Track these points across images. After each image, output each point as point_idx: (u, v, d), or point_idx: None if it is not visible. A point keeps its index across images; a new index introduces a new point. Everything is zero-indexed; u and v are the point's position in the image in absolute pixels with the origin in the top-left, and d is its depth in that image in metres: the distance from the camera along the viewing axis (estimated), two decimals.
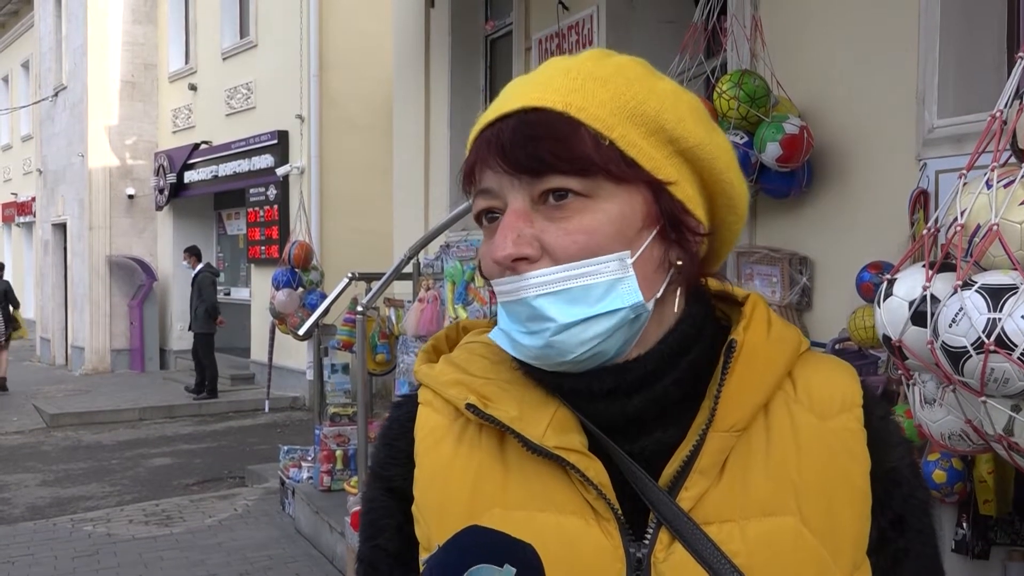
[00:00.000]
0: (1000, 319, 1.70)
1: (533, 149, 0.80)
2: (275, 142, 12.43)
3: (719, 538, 0.79)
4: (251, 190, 13.22)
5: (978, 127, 2.44)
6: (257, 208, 13.11)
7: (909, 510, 0.88)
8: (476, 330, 0.97)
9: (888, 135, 3.35)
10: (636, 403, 0.84)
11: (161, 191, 15.31)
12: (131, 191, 15.69)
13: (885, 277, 2.03)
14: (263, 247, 12.91)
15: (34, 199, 19.50)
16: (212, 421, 11.33)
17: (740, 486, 0.81)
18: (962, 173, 1.92)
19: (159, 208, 15.65)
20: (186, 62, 15.26)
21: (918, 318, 1.88)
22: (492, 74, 7.28)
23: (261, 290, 12.29)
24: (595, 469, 0.81)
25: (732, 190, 0.88)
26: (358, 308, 5.34)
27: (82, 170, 15.56)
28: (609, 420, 0.84)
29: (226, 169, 13.69)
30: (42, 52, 18.14)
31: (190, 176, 14.68)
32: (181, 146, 14.92)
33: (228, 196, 14.68)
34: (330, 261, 10.46)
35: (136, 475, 8.48)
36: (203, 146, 14.47)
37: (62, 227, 17.20)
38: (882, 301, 1.98)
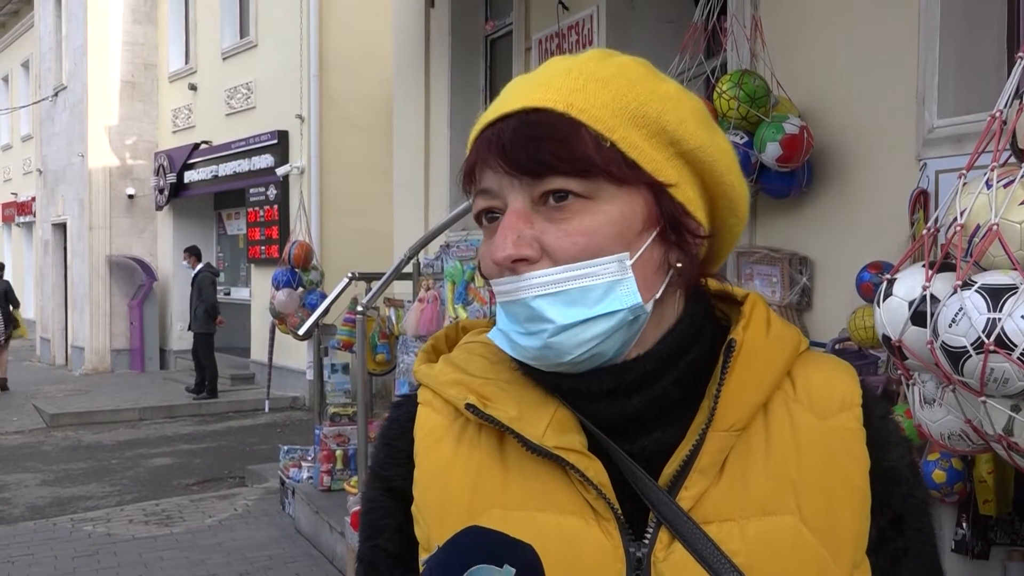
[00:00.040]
0: (1000, 319, 1.70)
1: (534, 150, 0.79)
2: (275, 142, 12.43)
3: (719, 537, 0.79)
4: (251, 190, 13.22)
5: (978, 127, 2.44)
6: (257, 208, 13.11)
7: (908, 509, 0.88)
8: (475, 330, 0.97)
9: (888, 135, 3.35)
10: (635, 403, 0.84)
11: (161, 191, 15.31)
12: (131, 191, 15.69)
13: (885, 277, 2.03)
14: (263, 247, 12.92)
15: (34, 199, 19.51)
16: (212, 421, 11.33)
17: (740, 485, 0.81)
18: (962, 173, 1.92)
19: (159, 208, 15.66)
20: (186, 62, 15.26)
21: (918, 318, 1.88)
22: (492, 74, 7.28)
23: (261, 290, 12.30)
24: (595, 469, 0.81)
25: (733, 192, 0.88)
26: (358, 308, 5.33)
27: (82, 170, 15.56)
28: (609, 420, 0.84)
29: (226, 169, 13.69)
30: (42, 52, 18.14)
31: (190, 176, 14.68)
32: (181, 146, 14.92)
33: (228, 196, 14.68)
34: (330, 261, 10.46)
35: (136, 475, 8.48)
36: (203, 146, 14.47)
37: (62, 227, 17.20)
38: (882, 301, 1.98)
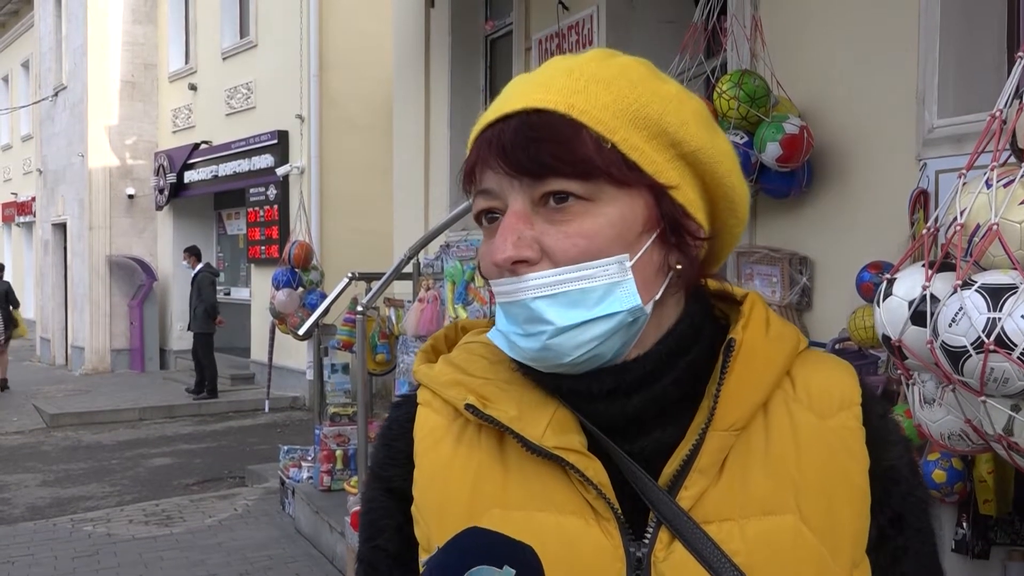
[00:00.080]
0: (1000, 319, 1.70)
1: (535, 151, 0.79)
2: (275, 142, 12.43)
3: (719, 537, 0.79)
4: (251, 190, 13.22)
5: (978, 127, 2.44)
6: (257, 208, 13.11)
7: (908, 508, 0.88)
8: (475, 330, 0.97)
9: (888, 135, 3.35)
10: (635, 403, 0.84)
11: (161, 191, 15.31)
12: (131, 191, 15.69)
13: (885, 277, 2.03)
14: (263, 247, 12.92)
15: (34, 199, 19.51)
16: (212, 421, 11.33)
17: (740, 485, 0.81)
18: (962, 173, 1.92)
19: (159, 208, 15.66)
20: (186, 62, 15.26)
21: (918, 318, 1.88)
22: (492, 74, 7.28)
23: (261, 290, 12.30)
24: (594, 469, 0.81)
25: (734, 194, 0.88)
26: (358, 308, 5.33)
27: (82, 170, 15.56)
28: (608, 420, 0.84)
29: (226, 169, 13.69)
30: (42, 52, 18.14)
31: (190, 176, 14.68)
32: (181, 146, 14.92)
33: (228, 196, 14.68)
34: (330, 261, 10.46)
35: (136, 475, 8.47)
36: (203, 146, 14.47)
37: (62, 227, 17.20)
38: (882, 301, 1.98)
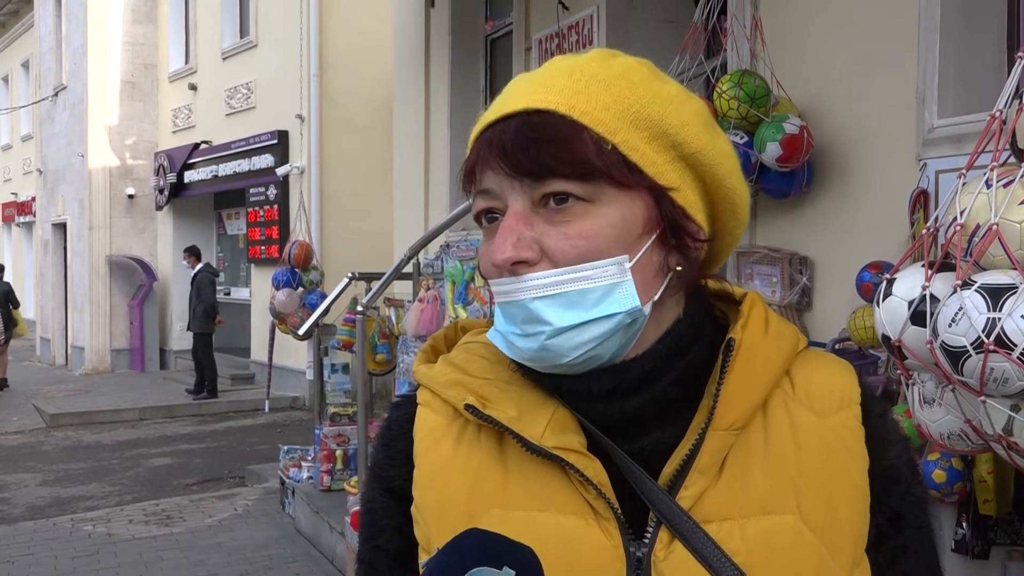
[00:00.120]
0: (1000, 319, 1.70)
1: (535, 152, 0.79)
2: (275, 142, 12.43)
3: (719, 537, 0.79)
4: (251, 190, 13.22)
5: (978, 127, 2.44)
6: (257, 208, 13.11)
7: (907, 507, 0.88)
8: (474, 330, 0.97)
9: (888, 135, 3.35)
10: (635, 403, 0.84)
11: (161, 191, 15.31)
12: (131, 191, 15.69)
13: (885, 277, 2.03)
14: (263, 247, 12.92)
15: (34, 199, 19.51)
16: (212, 421, 11.33)
17: (739, 485, 0.81)
18: (961, 173, 1.92)
19: (159, 208, 15.66)
20: (186, 62, 15.26)
21: (917, 318, 1.88)
22: (492, 74, 7.28)
23: (261, 290, 12.30)
24: (594, 469, 0.81)
25: (734, 195, 0.87)
26: (358, 308, 5.33)
27: (82, 170, 15.56)
28: (608, 420, 0.84)
29: (226, 169, 13.69)
30: (42, 52, 18.14)
31: (190, 176, 14.68)
32: (181, 146, 14.92)
33: (228, 196, 14.68)
34: (330, 261, 10.46)
35: (136, 475, 8.47)
36: (203, 146, 14.47)
37: (62, 227, 17.20)
38: (881, 301, 1.98)
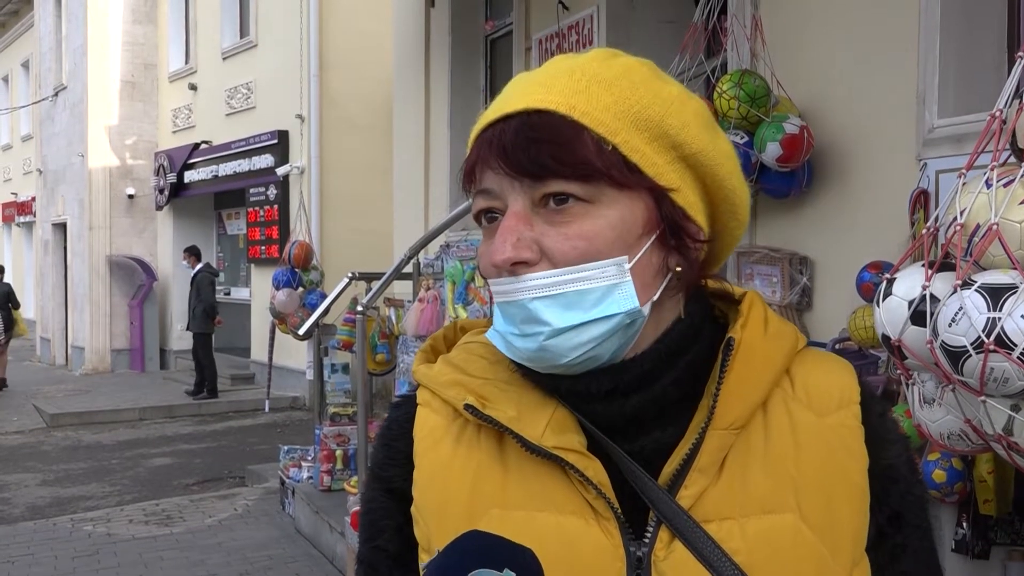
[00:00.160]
0: (1000, 318, 1.70)
1: (535, 153, 0.79)
2: (275, 142, 12.43)
3: (719, 536, 0.79)
4: (251, 190, 13.22)
5: (978, 127, 2.44)
6: (257, 208, 13.11)
7: (906, 506, 0.88)
8: (474, 330, 0.97)
9: (888, 135, 3.35)
10: (634, 403, 0.84)
11: (161, 191, 15.31)
12: (131, 191, 15.69)
13: (885, 277, 2.03)
14: (263, 247, 12.91)
15: (34, 199, 19.51)
16: (212, 421, 11.33)
17: (739, 484, 0.81)
18: (962, 173, 1.92)
19: (159, 208, 15.66)
20: (186, 62, 15.26)
21: (917, 318, 1.88)
22: (492, 74, 7.28)
23: (261, 290, 12.30)
24: (594, 468, 0.81)
25: (734, 196, 0.87)
26: (358, 308, 5.33)
27: (82, 170, 15.56)
28: (608, 420, 0.84)
29: (226, 169, 13.69)
30: (42, 52, 18.14)
31: (190, 176, 14.68)
32: (181, 146, 14.92)
33: (228, 196, 14.68)
34: (330, 261, 10.46)
35: (136, 475, 8.47)
36: (203, 146, 14.47)
37: (62, 227, 17.20)
38: (881, 300, 1.97)
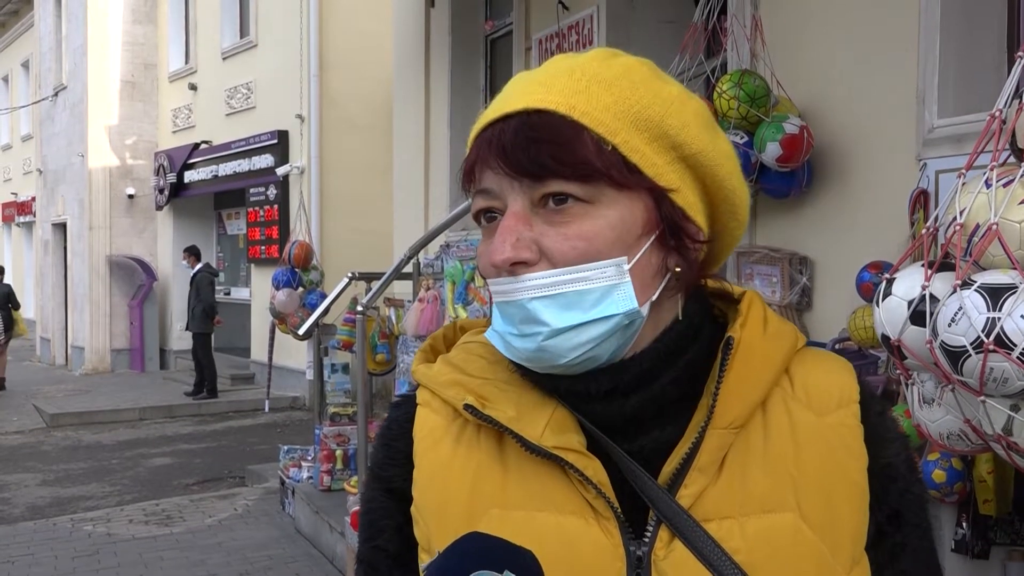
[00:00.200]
0: (999, 318, 1.70)
1: (535, 153, 0.79)
2: (275, 142, 12.43)
3: (719, 535, 0.79)
4: (251, 190, 13.22)
5: (978, 127, 2.44)
6: (257, 208, 13.11)
7: (906, 505, 0.88)
8: (473, 330, 0.97)
9: (888, 135, 3.35)
10: (634, 403, 0.84)
11: (161, 191, 15.31)
12: (131, 191, 15.69)
13: (884, 277, 2.03)
14: (263, 247, 12.92)
15: (34, 199, 19.51)
16: (212, 421, 11.33)
17: (739, 483, 0.81)
18: (961, 173, 1.92)
19: (159, 208, 15.66)
20: (186, 62, 15.26)
21: (917, 317, 1.88)
22: (492, 74, 7.28)
23: (261, 290, 12.30)
24: (594, 468, 0.81)
25: (734, 196, 0.87)
26: (358, 308, 5.33)
27: (82, 170, 15.56)
28: (607, 420, 0.84)
29: (226, 169, 13.69)
30: (42, 52, 18.14)
31: (190, 176, 14.68)
32: (181, 146, 14.92)
33: (228, 196, 14.68)
34: (330, 261, 10.46)
35: (136, 475, 8.47)
36: (203, 146, 14.47)
37: (62, 227, 17.20)
38: (881, 300, 1.97)
